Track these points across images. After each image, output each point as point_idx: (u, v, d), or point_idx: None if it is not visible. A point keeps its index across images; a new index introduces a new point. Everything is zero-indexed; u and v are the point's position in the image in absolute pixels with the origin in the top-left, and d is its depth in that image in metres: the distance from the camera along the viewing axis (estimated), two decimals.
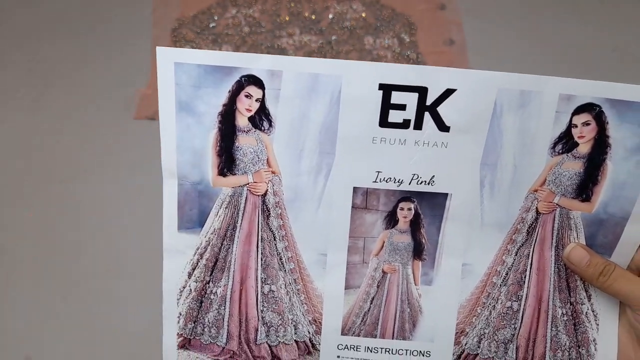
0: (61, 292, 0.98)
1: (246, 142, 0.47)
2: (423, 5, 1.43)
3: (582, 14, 1.39)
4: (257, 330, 0.51)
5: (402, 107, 0.45)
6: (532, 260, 0.50)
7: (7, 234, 1.06)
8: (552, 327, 0.51)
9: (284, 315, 0.51)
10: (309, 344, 0.52)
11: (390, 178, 0.48)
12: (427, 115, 0.46)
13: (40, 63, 1.32)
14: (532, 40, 1.34)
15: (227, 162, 0.48)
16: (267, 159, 0.48)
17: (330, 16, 1.40)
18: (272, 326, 0.51)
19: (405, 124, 0.46)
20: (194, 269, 0.50)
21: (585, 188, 0.48)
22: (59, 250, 1.03)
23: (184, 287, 0.51)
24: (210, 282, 0.50)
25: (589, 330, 0.51)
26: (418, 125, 0.46)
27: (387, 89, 0.45)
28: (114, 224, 1.06)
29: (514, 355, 0.51)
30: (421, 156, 0.47)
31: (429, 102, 0.45)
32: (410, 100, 0.45)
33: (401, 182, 0.48)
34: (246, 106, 0.46)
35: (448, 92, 0.45)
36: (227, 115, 0.47)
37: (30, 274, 1.01)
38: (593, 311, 0.51)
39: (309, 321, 0.51)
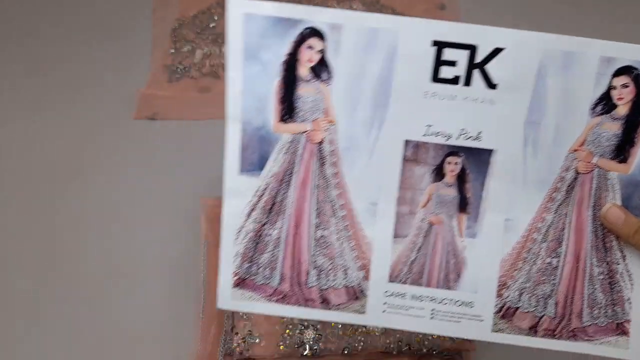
0: (61, 292, 1.00)
1: (306, 91, 0.51)
2: (423, 5, 1.48)
3: (583, 16, 1.43)
4: (308, 273, 0.55)
5: (452, 64, 0.49)
6: (570, 219, 0.53)
7: (7, 233, 1.07)
8: (589, 285, 0.53)
9: (335, 261, 0.55)
10: (357, 290, 0.56)
11: (440, 132, 0.52)
12: (476, 72, 0.50)
13: (40, 63, 1.34)
14: None
15: (288, 109, 0.52)
16: (326, 109, 0.52)
17: None
18: (323, 270, 0.55)
19: (455, 80, 0.50)
20: (252, 211, 0.55)
21: (622, 149, 0.51)
22: (58, 250, 1.05)
23: (242, 228, 0.55)
24: (267, 224, 0.54)
25: (623, 290, 0.54)
26: (467, 82, 0.50)
27: (440, 46, 0.49)
28: (113, 224, 1.08)
29: (554, 310, 0.54)
30: (469, 112, 0.51)
31: (478, 59, 0.49)
32: (461, 57, 0.49)
33: (449, 137, 0.52)
34: (308, 57, 0.50)
35: (496, 51, 0.49)
36: (290, 65, 0.51)
37: (29, 274, 1.02)
38: (627, 271, 0.53)
39: (358, 267, 0.55)
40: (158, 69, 1.36)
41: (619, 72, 0.50)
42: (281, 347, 0.82)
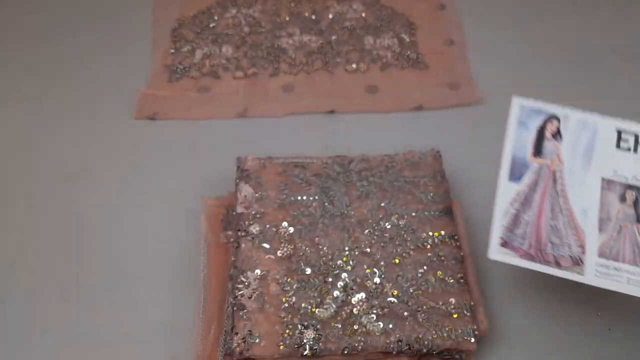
0: (61, 292, 1.04)
1: (548, 143, 0.97)
2: (423, 5, 1.60)
3: (581, 15, 1.52)
4: (546, 245, 0.94)
5: (627, 141, 0.96)
6: None
7: (8, 233, 1.08)
8: None
9: (562, 240, 0.94)
10: (578, 259, 0.91)
11: (621, 175, 0.96)
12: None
13: (40, 63, 1.43)
14: (531, 41, 1.45)
15: (537, 151, 0.97)
16: (558, 154, 0.97)
17: (330, 16, 1.55)
18: (555, 245, 0.94)
19: (628, 149, 0.96)
20: (514, 202, 0.95)
21: None
22: (58, 249, 1.08)
23: (507, 211, 0.94)
24: (521, 212, 0.95)
25: None
26: (635, 150, 0.96)
27: (620, 132, 0.97)
28: (113, 224, 1.12)
29: None
30: (637, 166, 0.96)
31: None
32: (631, 138, 0.96)
33: (627, 179, 0.96)
34: (550, 128, 0.97)
35: None
36: (541, 130, 0.97)
37: (30, 273, 1.04)
38: None
39: (577, 246, 0.94)
40: (158, 69, 1.45)
41: None
42: (281, 347, 0.87)
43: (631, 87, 1.38)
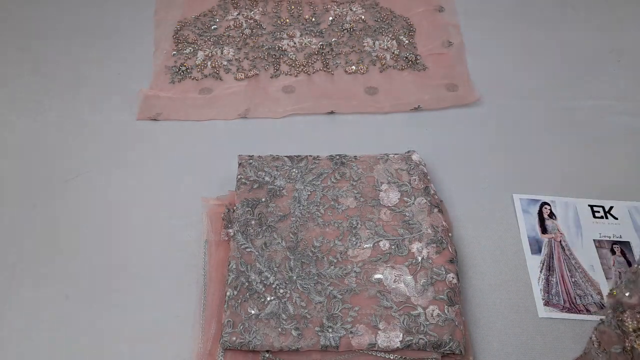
0: (62, 291, 1.05)
1: (548, 222, 1.22)
2: (422, 7, 1.63)
3: (579, 15, 1.53)
4: (574, 298, 1.10)
5: (598, 212, 1.21)
6: None
7: (10, 233, 1.09)
8: None
9: (585, 292, 1.10)
10: (600, 304, 1.07)
11: (605, 235, 1.18)
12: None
13: (43, 64, 1.47)
14: (530, 41, 1.46)
15: (543, 228, 1.21)
16: (557, 229, 1.21)
17: (330, 18, 1.58)
18: (580, 296, 1.09)
19: (601, 217, 1.19)
20: (542, 268, 1.15)
21: None
22: (60, 248, 1.09)
23: (539, 277, 1.14)
24: (549, 275, 1.13)
25: None
26: (606, 217, 1.20)
27: (591, 206, 1.21)
28: (115, 224, 1.13)
29: None
30: (612, 227, 1.20)
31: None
32: (600, 209, 1.22)
33: (610, 238, 1.17)
34: (546, 211, 1.23)
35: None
36: (540, 212, 1.23)
37: (32, 272, 1.05)
38: None
39: (596, 293, 1.09)
40: (160, 71, 1.42)
41: None
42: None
43: (629, 87, 1.41)
